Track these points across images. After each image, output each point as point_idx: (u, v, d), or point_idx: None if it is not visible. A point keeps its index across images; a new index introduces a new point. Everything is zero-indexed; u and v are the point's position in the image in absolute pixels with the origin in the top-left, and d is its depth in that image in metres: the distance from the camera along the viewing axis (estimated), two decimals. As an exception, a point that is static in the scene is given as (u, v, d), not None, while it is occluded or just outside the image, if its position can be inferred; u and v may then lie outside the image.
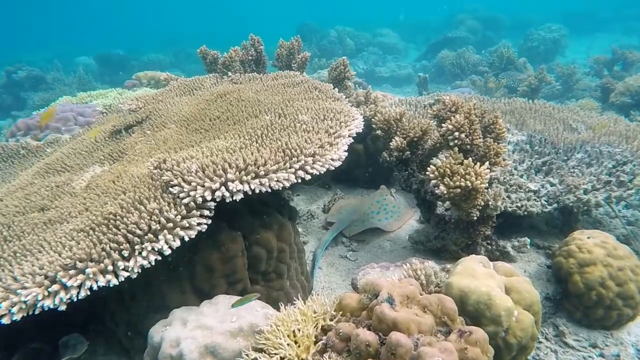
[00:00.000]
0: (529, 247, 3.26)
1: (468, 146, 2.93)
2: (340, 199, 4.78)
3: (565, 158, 3.93)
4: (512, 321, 2.16)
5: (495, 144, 2.98)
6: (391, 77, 13.84)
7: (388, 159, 3.63)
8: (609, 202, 3.35)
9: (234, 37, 5.06)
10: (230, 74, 4.76)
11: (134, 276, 2.14)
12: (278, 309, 2.79)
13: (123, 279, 2.10)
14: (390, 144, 3.43)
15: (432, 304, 1.89)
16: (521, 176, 3.77)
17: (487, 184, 2.65)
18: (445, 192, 2.70)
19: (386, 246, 4.00)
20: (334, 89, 4.02)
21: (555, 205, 3.38)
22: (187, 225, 2.28)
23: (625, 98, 6.71)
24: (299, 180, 2.56)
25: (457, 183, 2.65)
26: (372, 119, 3.89)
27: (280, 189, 2.47)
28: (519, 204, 3.29)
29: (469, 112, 2.95)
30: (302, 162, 2.58)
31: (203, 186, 2.34)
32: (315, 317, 1.99)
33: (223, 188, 2.34)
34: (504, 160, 2.99)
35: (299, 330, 1.92)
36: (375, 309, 1.83)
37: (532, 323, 2.18)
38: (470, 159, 2.73)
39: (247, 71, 4.87)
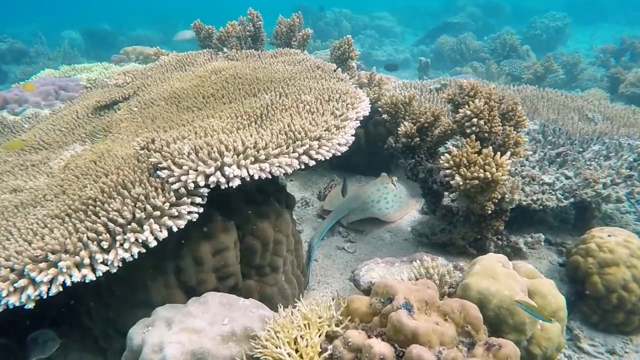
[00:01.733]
0: (542, 243, 3.05)
1: (486, 134, 2.69)
2: (337, 185, 4.53)
3: (581, 149, 3.72)
4: (537, 329, 1.95)
5: (515, 132, 2.74)
6: (388, 61, 13.48)
7: (394, 145, 3.37)
8: (631, 198, 3.15)
9: (227, 17, 4.72)
10: (225, 50, 4.44)
11: (114, 270, 1.88)
12: (272, 307, 2.56)
13: (101, 274, 1.84)
14: (398, 129, 3.17)
15: (454, 311, 1.67)
16: (533, 167, 3.54)
17: (507, 176, 2.41)
18: (461, 183, 2.46)
19: (386, 238, 3.78)
20: (337, 68, 3.74)
21: (572, 199, 3.17)
22: (176, 214, 2.02)
23: (636, 89, 6.51)
24: (302, 166, 2.30)
25: (475, 174, 2.41)
26: (378, 102, 3.62)
27: (282, 175, 2.21)
28: (534, 198, 3.07)
29: (488, 97, 2.70)
30: (307, 146, 2.31)
31: (196, 170, 2.07)
32: (320, 323, 1.75)
33: (218, 173, 2.07)
34: (524, 150, 2.75)
35: (302, 337, 1.68)
36: (391, 317, 1.60)
37: (559, 331, 1.98)
38: (490, 147, 2.49)
39: (243, 48, 4.55)
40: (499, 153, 2.44)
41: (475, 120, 2.62)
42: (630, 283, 2.69)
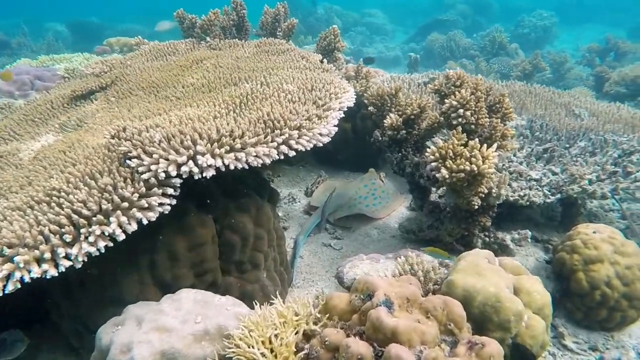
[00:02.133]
0: (529, 240, 2.99)
1: (472, 126, 2.61)
2: (324, 181, 4.44)
3: (568, 145, 3.67)
4: (522, 327, 1.88)
5: (502, 124, 2.67)
6: (379, 58, 13.41)
7: (380, 138, 3.29)
8: (615, 194, 3.11)
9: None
10: (208, 39, 4.32)
11: (79, 265, 1.77)
12: (252, 306, 2.47)
13: (64, 269, 1.72)
14: (384, 121, 3.09)
15: (437, 309, 1.59)
16: (521, 163, 3.49)
17: (494, 169, 2.34)
18: (446, 176, 2.39)
19: (374, 234, 3.70)
20: (323, 59, 3.64)
21: (558, 195, 3.12)
22: (146, 205, 1.90)
23: (620, 88, 6.53)
24: (281, 157, 2.20)
25: (461, 167, 2.34)
26: (364, 94, 3.53)
27: (260, 165, 2.11)
28: (521, 193, 3.01)
29: (475, 88, 2.62)
30: (286, 135, 2.21)
31: (167, 159, 1.96)
32: (297, 321, 1.66)
33: (191, 162, 1.96)
34: (510, 143, 2.68)
35: (277, 336, 1.59)
36: (370, 314, 1.51)
37: (544, 329, 1.91)
38: (476, 140, 2.42)
39: (227, 37, 4.43)
40: (485, 145, 2.37)
41: (461, 111, 2.54)
42: (613, 280, 2.65)
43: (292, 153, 2.23)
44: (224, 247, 2.40)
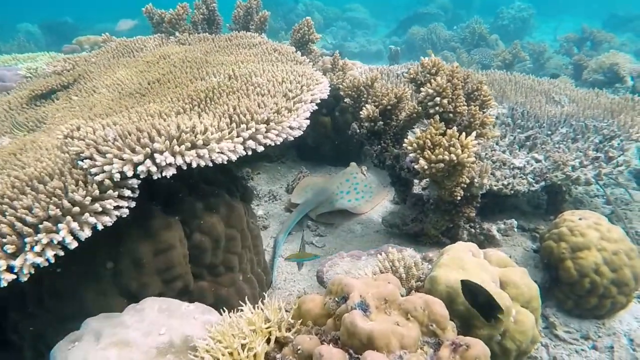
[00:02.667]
0: (515, 230, 2.90)
1: (450, 114, 2.50)
2: (305, 177, 4.31)
3: (550, 132, 3.60)
4: (510, 323, 1.77)
5: (481, 112, 2.57)
6: (361, 53, 13.32)
7: (358, 131, 3.16)
8: (598, 180, 3.03)
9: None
10: (177, 34, 4.14)
11: (24, 279, 1.60)
12: (230, 310, 2.33)
13: (6, 284, 1.56)
14: (361, 113, 2.96)
15: (417, 309, 1.46)
16: (504, 151, 3.40)
17: (474, 158, 2.23)
18: (425, 167, 2.27)
19: (357, 230, 3.58)
20: (296, 51, 3.50)
21: (542, 183, 3.04)
22: (100, 209, 1.74)
23: (598, 75, 6.52)
24: (249, 152, 2.06)
25: (440, 156, 2.22)
26: (340, 86, 3.40)
27: (225, 162, 1.97)
28: (505, 182, 2.92)
29: (451, 75, 2.51)
30: (253, 130, 2.07)
31: (122, 159, 1.80)
32: (267, 328, 1.52)
33: (149, 161, 1.81)
34: (490, 131, 2.58)
35: (244, 347, 1.45)
36: (344, 318, 1.38)
37: (533, 324, 1.81)
38: (454, 128, 2.30)
39: (198, 32, 4.25)
40: (464, 134, 2.26)
41: (438, 99, 2.43)
42: (602, 266, 2.57)
43: (260, 148, 2.09)
44: (194, 251, 2.25)
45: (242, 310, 1.64)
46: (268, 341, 1.52)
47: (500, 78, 4.45)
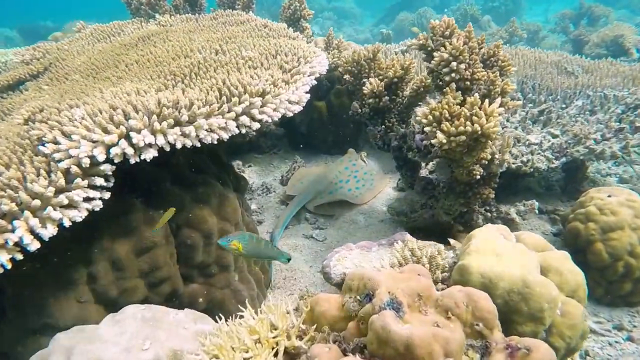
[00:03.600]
0: (536, 211, 2.65)
1: (467, 82, 2.23)
2: (300, 167, 4.02)
3: (564, 105, 3.35)
4: (557, 316, 1.52)
5: (500, 79, 2.30)
6: (348, 42, 13.02)
7: (360, 110, 2.88)
8: (626, 153, 2.79)
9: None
10: (157, 16, 3.81)
11: (-27, 289, 1.30)
12: (225, 314, 2.04)
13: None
14: (364, 88, 2.68)
15: (459, 305, 1.19)
16: (516, 128, 3.15)
17: (500, 128, 1.97)
18: (444, 141, 2.00)
19: (360, 221, 3.30)
20: (288, 27, 3.21)
21: (563, 159, 2.79)
22: (67, 202, 1.44)
23: (601, 49, 6.30)
24: (243, 130, 1.77)
25: (461, 128, 1.95)
26: (338, 62, 3.12)
27: (215, 142, 1.67)
28: (524, 159, 2.66)
29: (468, 37, 2.24)
30: (247, 103, 1.78)
31: (91, 140, 1.50)
32: (274, 338, 1.24)
33: (124, 142, 1.51)
34: (512, 100, 2.32)
35: (248, 362, 1.17)
36: (372, 322, 1.10)
37: (582, 316, 1.55)
38: (475, 95, 2.03)
39: (180, 14, 3.93)
40: (486, 101, 1.99)
41: (454, 64, 2.15)
42: (637, 247, 2.34)
43: (256, 125, 1.80)
44: (183, 248, 1.96)
45: (242, 316, 1.35)
46: (276, 354, 1.24)
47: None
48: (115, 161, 1.52)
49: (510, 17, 12.77)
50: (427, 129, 2.09)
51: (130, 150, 1.50)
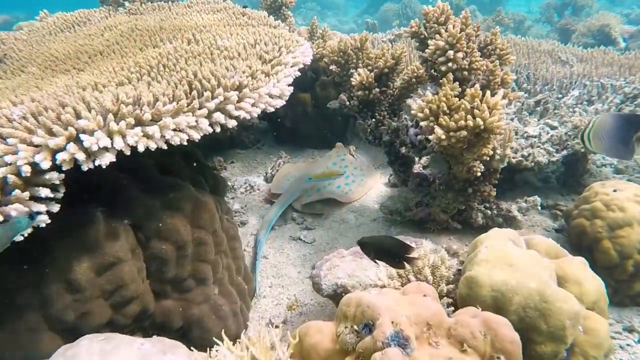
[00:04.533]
0: (539, 208, 2.49)
1: (465, 72, 2.03)
2: (286, 163, 3.80)
3: (560, 95, 3.20)
4: (579, 333, 1.34)
5: (499, 68, 2.11)
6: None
7: (348, 103, 2.67)
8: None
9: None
10: (127, 4, 3.52)
11: None
12: (204, 333, 1.84)
13: None
14: (352, 80, 2.47)
15: (476, 335, 1.00)
16: (512, 119, 2.98)
17: (504, 122, 1.78)
18: (443, 137, 1.80)
19: (351, 220, 3.10)
20: (269, 16, 2.97)
21: (564, 152, 2.63)
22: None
23: (587, 39, 6.20)
24: (217, 129, 1.55)
25: (462, 122, 1.76)
26: (323, 52, 2.90)
27: (185, 143, 1.45)
28: (524, 153, 2.49)
29: (464, 23, 2.04)
30: (221, 98, 1.55)
31: (32, 144, 1.26)
32: (255, 378, 1.03)
33: (73, 146, 1.27)
34: (513, 91, 2.14)
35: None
36: (374, 362, 0.90)
37: (607, 332, 1.38)
38: (476, 86, 1.84)
39: (152, 2, 3.64)
40: (488, 92, 1.80)
41: (450, 52, 1.95)
42: (647, 245, 2.18)
43: (232, 123, 1.57)
44: (154, 262, 1.73)
45: (217, 350, 1.14)
46: (259, 395, 1.04)
47: (495, 41, 4.01)
48: (64, 168, 1.28)
49: (495, 7, 12.67)
50: (423, 123, 1.90)
51: (81, 156, 1.27)
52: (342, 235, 2.93)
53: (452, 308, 1.45)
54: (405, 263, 1.39)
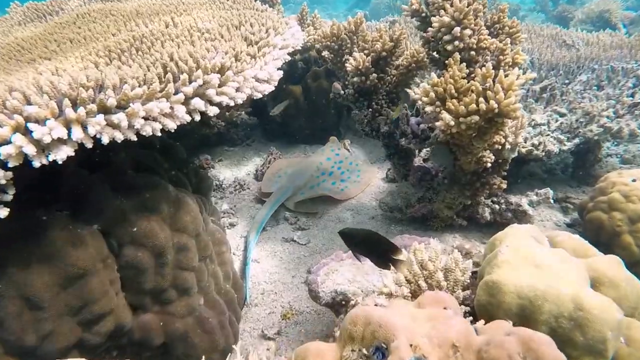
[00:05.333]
0: (552, 201, 2.31)
1: (472, 52, 1.84)
2: (277, 160, 3.59)
3: (567, 81, 3.02)
4: (621, 345, 1.16)
5: (510, 47, 1.93)
6: (323, 28, 12.54)
7: (342, 92, 2.48)
8: (644, 130, 2.48)
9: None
10: (103, -9, 3.28)
11: None
12: (189, 349, 1.64)
13: None
14: (347, 65, 2.27)
15: (513, 357, 0.81)
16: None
17: (520, 105, 1.59)
18: (451, 123, 1.61)
19: (347, 218, 2.91)
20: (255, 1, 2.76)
21: (576, 140, 2.45)
22: None
23: (587, 26, 6.05)
24: (196, 117, 1.34)
25: (473, 106, 1.56)
26: (315, 37, 2.70)
27: (158, 134, 1.24)
28: (534, 142, 2.31)
29: (471, -1, 1.85)
30: (200, 82, 1.35)
31: (-30, 137, 1.05)
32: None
33: (20, 138, 1.06)
34: (525, 72, 1.95)
35: None
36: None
37: (651, 341, 1.20)
38: (488, 65, 1.65)
39: (130, -10, 3.41)
40: (501, 71, 1.61)
41: (457, 29, 1.76)
42: (672, 239, 2.02)
43: (214, 110, 1.37)
44: (128, 272, 1.53)
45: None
46: None
47: (494, 28, 3.83)
48: (10, 165, 1.07)
49: (486, -2, 12.55)
50: (428, 109, 1.70)
51: (30, 149, 1.06)
52: (338, 236, 2.73)
53: (471, 318, 1.26)
54: (391, 264, 1.25)
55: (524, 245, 1.30)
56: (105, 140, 1.15)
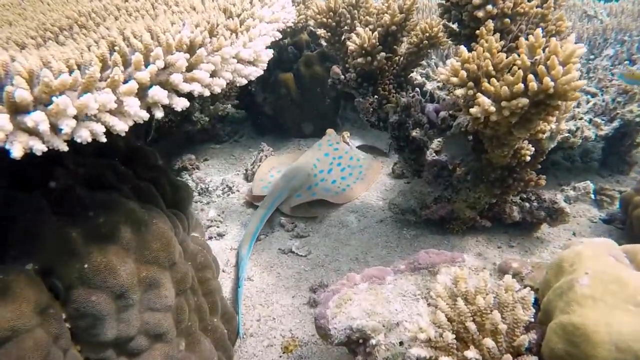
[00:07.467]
0: (592, 196, 1.98)
1: (507, 20, 1.49)
2: (268, 157, 3.23)
3: (592, 56, 2.69)
4: None
5: (552, 12, 1.58)
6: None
7: (342, 77, 2.11)
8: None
9: None
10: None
11: None
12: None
13: None
14: (348, 44, 1.90)
15: None
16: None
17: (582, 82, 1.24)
18: (492, 109, 1.26)
19: (352, 222, 2.56)
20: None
21: (615, 123, 2.12)
22: None
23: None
24: (158, 114, 0.97)
25: (519, 86, 1.21)
26: (307, 13, 2.32)
27: (102, 139, 0.87)
28: (571, 128, 1.97)
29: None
30: (160, 64, 0.97)
31: None
32: None
33: None
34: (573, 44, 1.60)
35: None
36: None
37: None
38: (537, 31, 1.29)
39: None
40: (552, 40, 1.26)
41: (491, -8, 1.40)
42: None
43: (182, 103, 1.00)
44: (81, 321, 1.16)
45: None
46: None
47: None
48: None
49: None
50: (459, 92, 1.35)
51: None
52: (344, 243, 2.38)
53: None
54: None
55: (609, 271, 0.96)
56: (16, 154, 0.78)
